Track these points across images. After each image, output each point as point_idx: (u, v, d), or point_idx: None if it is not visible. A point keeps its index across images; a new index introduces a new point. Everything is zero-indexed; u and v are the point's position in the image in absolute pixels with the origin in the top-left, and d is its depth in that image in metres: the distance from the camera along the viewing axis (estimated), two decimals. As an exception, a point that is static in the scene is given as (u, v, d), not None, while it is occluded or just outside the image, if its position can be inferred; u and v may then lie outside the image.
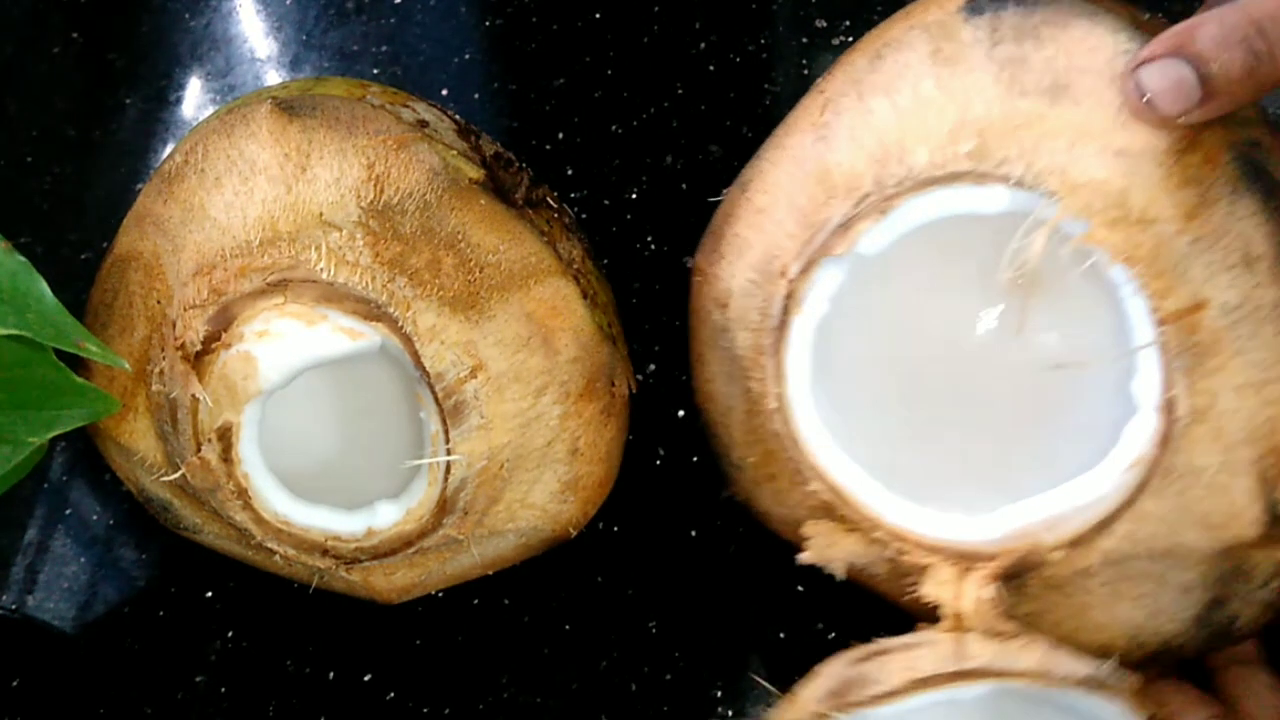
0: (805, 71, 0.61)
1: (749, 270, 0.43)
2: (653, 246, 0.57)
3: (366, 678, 0.50)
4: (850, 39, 0.61)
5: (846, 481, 0.42)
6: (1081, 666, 0.38)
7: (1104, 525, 0.39)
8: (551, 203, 0.48)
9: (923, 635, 0.40)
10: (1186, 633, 0.41)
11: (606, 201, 0.59)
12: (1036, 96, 0.38)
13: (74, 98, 0.63)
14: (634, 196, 0.59)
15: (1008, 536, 0.41)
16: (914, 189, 0.40)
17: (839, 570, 0.43)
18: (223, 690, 0.50)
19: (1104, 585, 0.41)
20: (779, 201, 0.42)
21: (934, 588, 0.41)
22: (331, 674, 0.50)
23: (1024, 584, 0.41)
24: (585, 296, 0.45)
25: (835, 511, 0.43)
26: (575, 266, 0.46)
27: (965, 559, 0.41)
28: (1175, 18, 0.59)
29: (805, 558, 0.43)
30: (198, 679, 0.51)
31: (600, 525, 0.50)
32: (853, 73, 0.42)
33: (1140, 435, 0.39)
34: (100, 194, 0.60)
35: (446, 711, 0.50)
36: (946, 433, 0.45)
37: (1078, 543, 0.40)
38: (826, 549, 0.43)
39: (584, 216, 0.58)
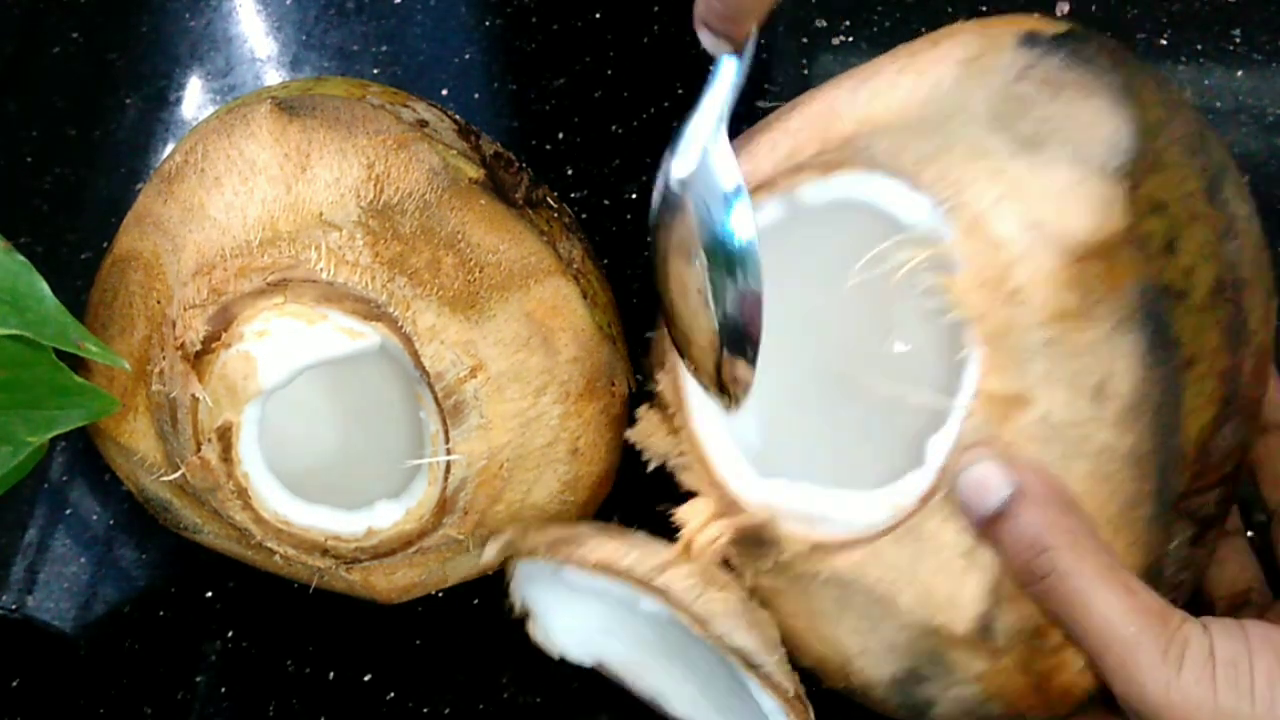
0: (805, 71, 0.61)
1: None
2: (653, 246, 0.57)
3: (366, 678, 0.50)
4: (850, 39, 0.61)
5: (689, 389, 0.44)
6: (744, 639, 0.40)
7: (846, 545, 0.40)
8: (551, 203, 0.48)
9: (653, 543, 0.42)
10: (885, 688, 0.41)
11: (606, 201, 0.59)
12: (1008, 139, 0.38)
13: (74, 98, 0.63)
14: (634, 196, 0.59)
15: (764, 506, 0.42)
16: (860, 165, 0.40)
17: (651, 460, 0.45)
18: (223, 690, 0.50)
19: (832, 601, 0.41)
20: (791, 131, 0.43)
21: (686, 511, 0.43)
22: (331, 674, 0.50)
23: (765, 556, 0.42)
24: (585, 296, 0.45)
25: (669, 410, 0.44)
26: (575, 266, 0.46)
27: (730, 507, 0.42)
28: (1173, 17, 0.59)
29: (628, 434, 0.45)
30: (198, 679, 0.51)
31: (600, 525, 0.50)
32: (916, 47, 0.42)
33: (913, 486, 0.39)
34: (100, 194, 0.60)
35: (446, 711, 0.50)
36: (797, 402, 0.46)
37: (819, 547, 0.40)
38: (647, 436, 0.45)
39: (584, 216, 0.58)
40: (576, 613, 0.46)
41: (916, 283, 0.38)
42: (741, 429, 0.44)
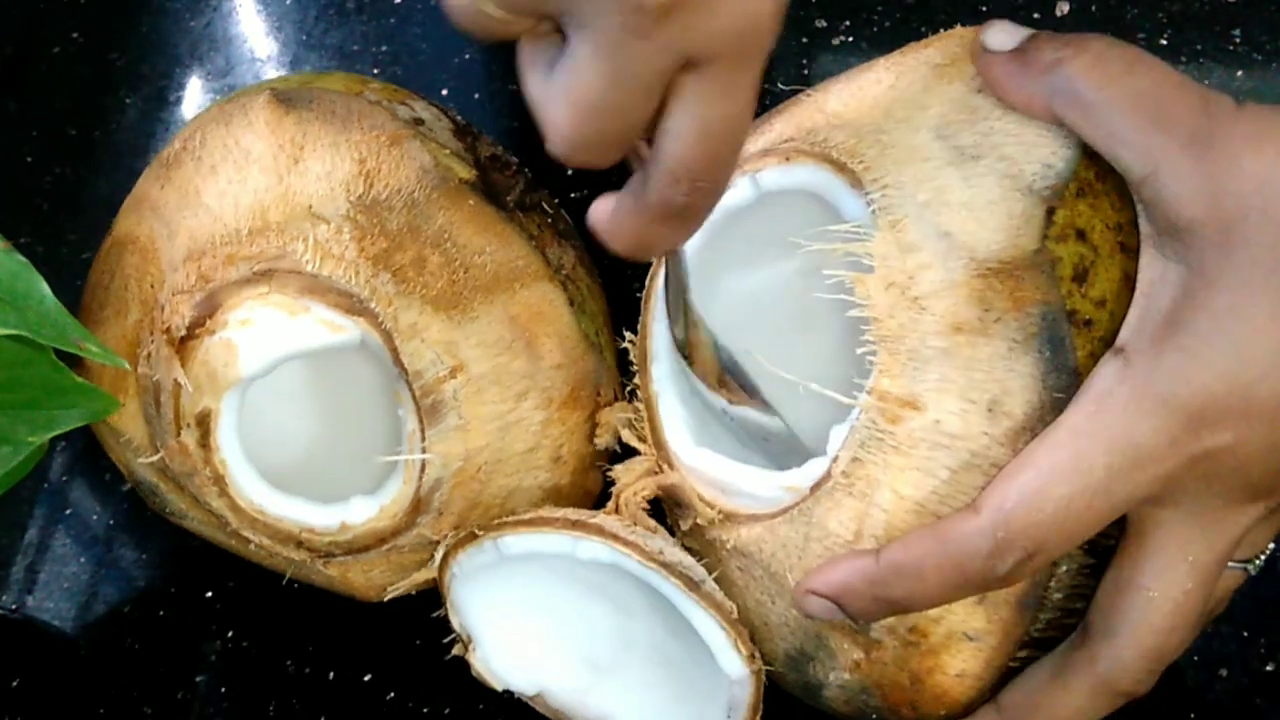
0: (805, 72, 0.61)
1: None
2: (652, 246, 0.57)
3: (366, 678, 0.50)
4: (850, 39, 0.61)
5: (654, 354, 0.45)
6: (681, 555, 0.41)
7: (750, 519, 0.41)
8: (546, 207, 0.48)
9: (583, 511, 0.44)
10: (783, 663, 0.42)
11: (606, 201, 0.59)
12: (949, 148, 0.38)
13: (74, 98, 0.63)
14: (634, 196, 0.58)
15: (691, 470, 0.43)
16: (815, 156, 0.40)
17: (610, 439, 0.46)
18: (223, 690, 0.50)
19: (738, 570, 0.42)
20: (784, 116, 0.44)
21: (622, 469, 0.44)
22: (331, 674, 0.50)
23: (686, 517, 0.43)
24: (572, 303, 0.45)
25: (632, 369, 0.45)
26: (565, 272, 0.45)
27: (663, 466, 0.44)
28: (1173, 17, 0.59)
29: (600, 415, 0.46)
30: (198, 679, 0.51)
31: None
32: (911, 48, 0.42)
33: (810, 471, 0.39)
34: (100, 194, 0.60)
35: (446, 711, 0.50)
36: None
37: (729, 517, 0.41)
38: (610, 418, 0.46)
39: (584, 217, 0.58)
40: (514, 611, 0.46)
41: (839, 276, 0.39)
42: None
